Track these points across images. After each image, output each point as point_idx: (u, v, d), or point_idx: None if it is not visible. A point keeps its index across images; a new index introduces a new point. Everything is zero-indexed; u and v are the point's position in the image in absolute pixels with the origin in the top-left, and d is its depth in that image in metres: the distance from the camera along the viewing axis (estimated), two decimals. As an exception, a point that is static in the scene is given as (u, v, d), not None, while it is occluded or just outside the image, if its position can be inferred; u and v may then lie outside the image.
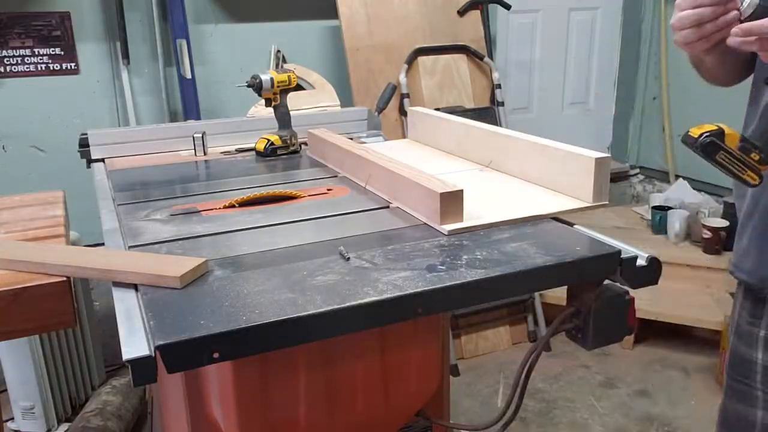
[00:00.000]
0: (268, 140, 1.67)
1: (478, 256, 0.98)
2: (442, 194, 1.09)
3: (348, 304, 0.85)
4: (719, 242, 2.86)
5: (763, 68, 1.36)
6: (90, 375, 2.44)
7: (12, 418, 2.24)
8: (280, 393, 0.99)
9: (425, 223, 1.14)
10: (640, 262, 1.01)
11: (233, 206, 1.28)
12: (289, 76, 1.69)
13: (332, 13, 2.73)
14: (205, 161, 1.69)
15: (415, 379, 1.11)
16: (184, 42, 2.55)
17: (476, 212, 1.15)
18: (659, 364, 2.74)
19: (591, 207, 1.18)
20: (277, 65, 2.72)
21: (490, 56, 2.96)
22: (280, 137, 1.69)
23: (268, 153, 1.67)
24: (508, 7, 2.99)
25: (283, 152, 1.69)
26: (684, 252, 2.97)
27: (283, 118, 1.71)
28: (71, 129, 2.50)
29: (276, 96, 1.68)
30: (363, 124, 1.97)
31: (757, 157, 1.15)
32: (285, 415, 1.01)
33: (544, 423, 2.32)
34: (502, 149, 1.41)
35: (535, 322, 2.90)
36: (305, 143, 1.75)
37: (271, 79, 1.65)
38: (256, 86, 1.65)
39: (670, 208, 3.15)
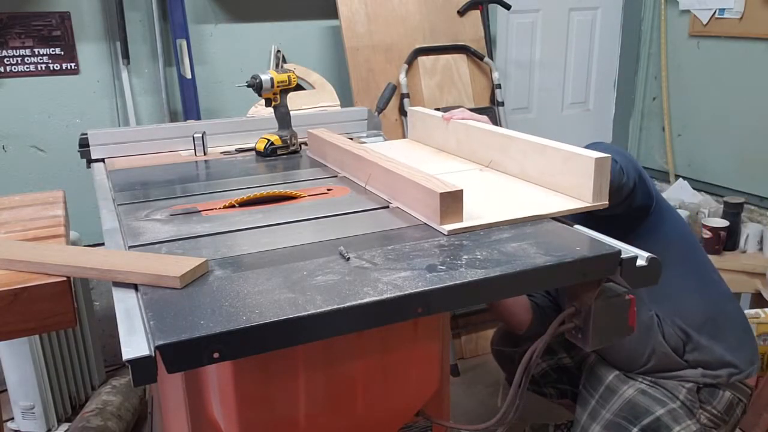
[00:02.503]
0: (268, 140, 1.67)
1: (478, 256, 0.98)
2: (441, 194, 1.09)
3: (348, 304, 0.85)
4: (719, 242, 2.86)
5: None
6: (90, 375, 2.44)
7: (12, 418, 2.24)
8: (280, 393, 0.99)
9: (425, 224, 1.14)
10: (640, 262, 1.01)
11: (233, 206, 1.28)
12: (289, 76, 1.69)
13: (332, 13, 2.73)
14: (205, 161, 1.69)
15: (415, 379, 1.11)
16: (184, 42, 2.55)
17: (476, 212, 1.15)
18: (659, 364, 2.73)
19: (591, 207, 1.18)
20: (277, 65, 2.72)
21: (490, 56, 2.95)
22: (280, 137, 1.69)
23: (269, 153, 1.67)
24: (508, 7, 2.99)
25: (283, 152, 1.69)
26: (684, 252, 2.97)
27: (284, 118, 1.71)
28: (71, 129, 2.50)
29: (276, 96, 1.68)
30: (363, 124, 1.97)
31: None
32: (285, 415, 1.01)
33: (544, 423, 2.32)
34: (502, 149, 1.41)
35: (535, 322, 2.89)
36: (305, 143, 1.75)
37: (271, 79, 1.65)
38: (256, 86, 1.65)
39: (670, 208, 3.14)
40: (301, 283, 0.91)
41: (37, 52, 2.43)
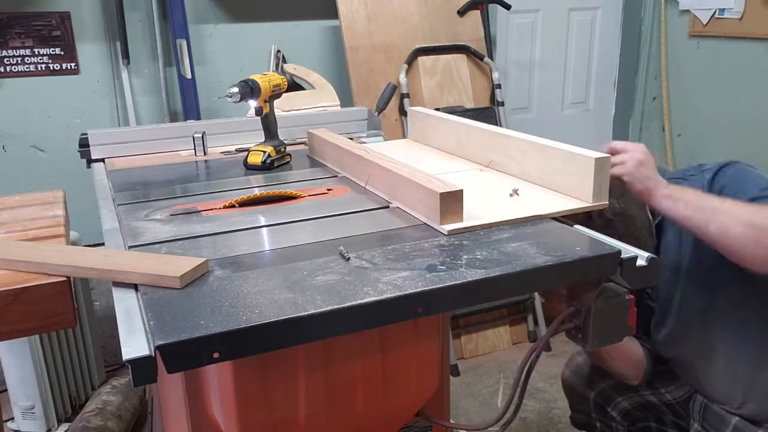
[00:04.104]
0: (265, 152, 1.56)
1: (478, 256, 0.98)
2: (441, 194, 1.09)
3: (348, 304, 0.85)
4: (719, 242, 2.86)
5: None
6: (90, 375, 2.44)
7: (12, 418, 2.24)
8: (280, 393, 0.99)
9: (425, 223, 1.14)
10: (640, 262, 1.01)
11: (233, 206, 1.28)
12: (280, 82, 1.58)
13: (332, 13, 2.73)
14: (205, 161, 1.69)
15: (415, 379, 1.11)
16: (184, 42, 2.55)
17: (476, 212, 1.15)
18: (659, 364, 2.73)
19: (591, 207, 1.18)
20: (277, 65, 2.72)
21: (490, 56, 2.96)
22: (275, 148, 1.58)
23: (268, 166, 1.56)
24: (508, 7, 2.99)
25: (280, 163, 1.60)
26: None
27: (273, 127, 1.61)
28: (71, 129, 2.49)
29: (266, 104, 1.57)
30: (363, 124, 1.97)
31: None
32: (285, 415, 1.01)
33: (544, 423, 2.32)
34: (502, 149, 1.41)
35: (535, 322, 2.90)
36: (304, 143, 1.75)
37: (260, 88, 1.53)
38: (245, 96, 1.52)
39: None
40: (301, 283, 0.91)
41: (37, 52, 2.43)
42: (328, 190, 1.38)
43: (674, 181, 1.34)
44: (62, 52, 2.46)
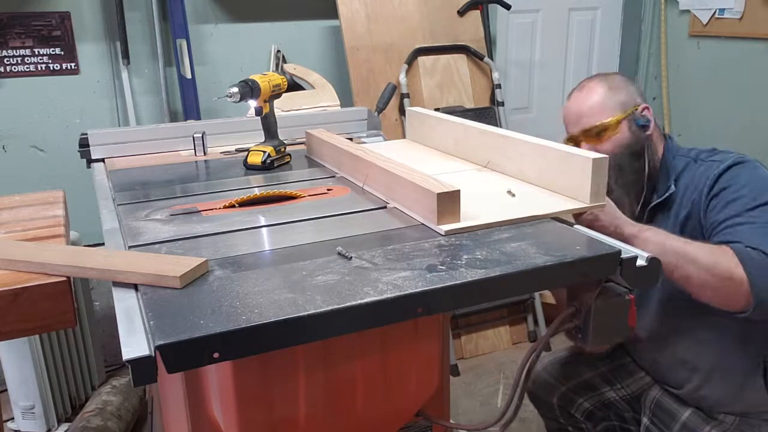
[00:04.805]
0: (265, 152, 1.56)
1: (478, 256, 0.98)
2: (438, 194, 1.09)
3: (348, 304, 0.85)
4: (719, 242, 2.86)
5: None
6: (90, 375, 2.44)
7: (12, 418, 2.24)
8: (280, 393, 0.99)
9: (422, 224, 1.14)
10: (640, 262, 1.01)
11: (233, 206, 1.28)
12: (280, 82, 1.58)
13: (332, 13, 2.73)
14: (205, 161, 1.69)
15: (415, 379, 1.11)
16: (184, 42, 2.55)
17: (474, 212, 1.15)
18: (659, 364, 2.73)
19: (589, 208, 1.18)
20: (277, 65, 2.72)
21: (490, 56, 2.96)
22: (275, 148, 1.58)
23: (267, 166, 1.56)
24: (508, 7, 2.99)
25: (280, 163, 1.60)
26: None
27: (273, 127, 1.61)
28: (71, 129, 2.50)
29: (266, 104, 1.57)
30: (363, 124, 1.97)
31: None
32: (285, 415, 1.01)
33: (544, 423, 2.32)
34: (500, 150, 1.41)
35: (535, 322, 2.90)
36: (304, 143, 1.75)
37: (260, 88, 1.53)
38: (245, 96, 1.51)
39: (670, 208, 3.14)
40: (301, 283, 0.91)
41: (37, 52, 2.43)
42: (328, 190, 1.38)
43: (683, 160, 1.44)
44: (62, 52, 2.47)
